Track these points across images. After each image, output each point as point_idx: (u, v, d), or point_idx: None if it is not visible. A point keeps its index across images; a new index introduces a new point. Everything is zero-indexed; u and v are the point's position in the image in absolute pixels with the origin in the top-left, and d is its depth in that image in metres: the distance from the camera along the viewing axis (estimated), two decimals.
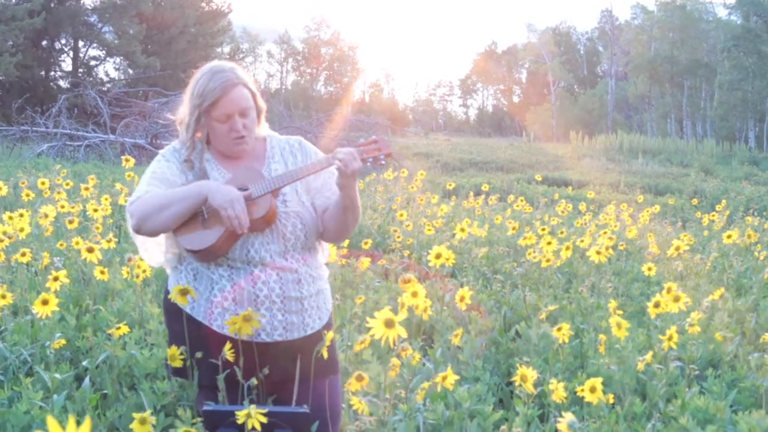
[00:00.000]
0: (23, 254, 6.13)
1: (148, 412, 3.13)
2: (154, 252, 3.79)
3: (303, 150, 3.88)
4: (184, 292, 3.51)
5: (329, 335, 3.55)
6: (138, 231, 3.50)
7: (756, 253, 11.27)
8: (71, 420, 1.24)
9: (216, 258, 3.56)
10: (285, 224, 3.62)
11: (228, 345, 3.34)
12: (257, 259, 3.57)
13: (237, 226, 3.37)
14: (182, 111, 3.72)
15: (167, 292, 3.71)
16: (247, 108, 3.61)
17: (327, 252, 3.95)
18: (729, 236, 9.09)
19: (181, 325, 3.63)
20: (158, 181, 3.62)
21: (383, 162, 3.62)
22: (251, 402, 3.14)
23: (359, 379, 3.37)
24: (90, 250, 5.97)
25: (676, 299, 4.79)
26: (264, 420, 2.79)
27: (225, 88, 3.54)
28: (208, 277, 3.62)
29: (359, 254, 8.55)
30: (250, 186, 3.49)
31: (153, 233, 3.56)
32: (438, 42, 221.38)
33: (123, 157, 11.47)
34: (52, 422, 1.25)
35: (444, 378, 3.57)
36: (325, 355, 3.50)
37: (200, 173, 3.66)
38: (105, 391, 5.03)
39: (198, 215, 3.50)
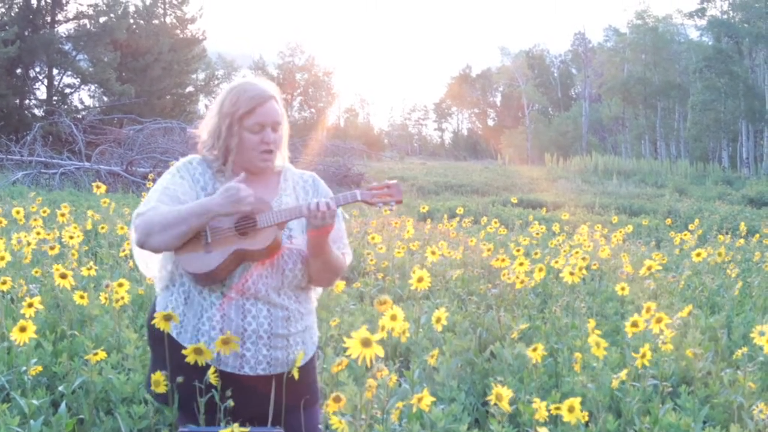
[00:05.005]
0: (3, 282, 6.12)
1: None
2: (151, 265, 3.75)
3: (315, 187, 3.86)
4: (167, 318, 3.51)
5: (300, 355, 3.55)
6: (141, 246, 3.44)
7: (728, 271, 11.36)
8: None
9: (214, 283, 3.51)
10: (287, 261, 3.59)
11: (212, 369, 3.35)
12: (252, 291, 3.53)
13: (253, 201, 3.39)
14: (209, 124, 3.68)
15: (153, 312, 3.67)
16: (278, 123, 3.61)
17: (319, 289, 3.92)
18: (698, 254, 9.16)
19: (164, 348, 3.60)
20: (168, 198, 3.54)
21: (392, 208, 3.60)
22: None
23: (336, 400, 3.40)
24: (63, 276, 5.98)
25: (659, 320, 4.83)
26: None
27: (263, 98, 3.56)
28: (198, 304, 3.57)
29: None
30: (257, 215, 3.47)
31: (156, 250, 3.52)
32: (412, 66, 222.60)
33: (94, 184, 11.46)
34: None
35: (420, 399, 3.60)
36: (296, 375, 3.51)
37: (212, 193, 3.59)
38: (82, 416, 5.04)
39: (201, 237, 3.47)
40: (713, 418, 5.63)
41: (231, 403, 3.37)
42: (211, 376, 3.33)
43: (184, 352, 3.40)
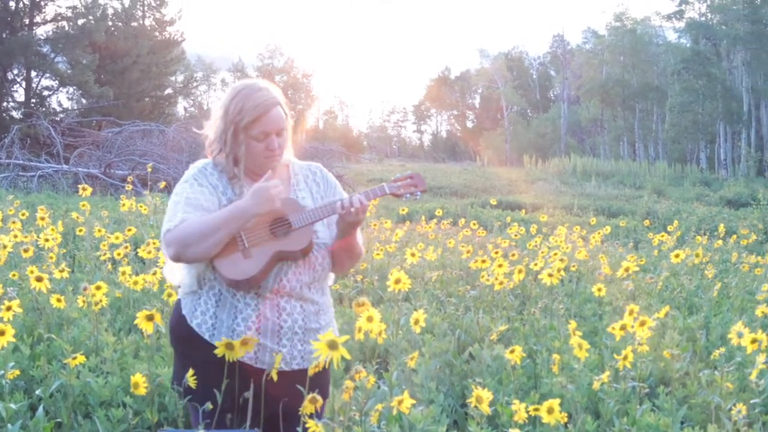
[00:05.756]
0: None
1: None
2: (176, 271, 3.75)
3: (325, 179, 3.91)
4: (149, 318, 3.53)
5: (278, 357, 3.53)
6: (178, 260, 3.44)
7: (706, 272, 11.40)
8: None
9: (253, 288, 3.54)
10: (317, 256, 3.65)
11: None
12: (288, 289, 3.58)
13: (284, 198, 3.48)
14: (214, 125, 3.68)
15: (177, 315, 3.71)
16: (283, 129, 3.63)
17: (332, 278, 3.98)
18: (677, 256, 9.19)
19: (189, 348, 3.64)
20: (193, 209, 3.54)
21: (418, 198, 3.67)
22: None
23: (313, 401, 3.39)
24: (39, 279, 5.95)
25: (642, 323, 4.84)
26: None
27: (267, 107, 3.55)
28: (232, 305, 3.59)
29: None
30: (289, 215, 3.50)
31: (194, 261, 3.51)
32: (391, 68, 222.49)
33: (80, 186, 11.42)
34: None
35: (400, 402, 3.59)
36: (275, 377, 3.50)
37: (240, 193, 3.64)
38: (59, 420, 5.02)
39: (236, 242, 3.47)
40: (691, 418, 5.65)
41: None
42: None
43: (218, 343, 3.42)
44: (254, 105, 3.54)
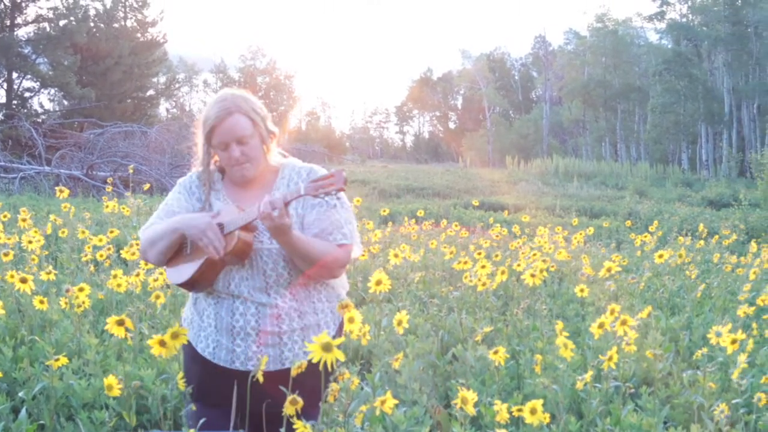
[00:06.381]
0: None
1: None
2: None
3: (307, 181, 3.80)
4: (120, 323, 3.59)
5: (264, 359, 3.51)
6: (145, 261, 3.63)
7: (688, 272, 11.43)
8: None
9: (201, 289, 3.70)
10: (266, 261, 3.66)
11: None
12: (237, 293, 3.65)
13: (213, 252, 3.45)
14: (198, 137, 3.79)
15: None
16: (243, 136, 3.62)
17: (343, 282, 4.04)
18: (660, 256, 9.21)
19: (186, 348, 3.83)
20: (165, 214, 3.78)
21: (338, 197, 3.67)
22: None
23: (294, 402, 3.39)
24: (23, 281, 5.93)
25: (623, 322, 4.85)
26: None
27: (219, 117, 3.58)
28: (201, 306, 3.80)
29: None
30: (225, 222, 3.54)
31: (153, 264, 3.79)
32: (374, 70, 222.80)
33: (57, 188, 11.37)
34: None
35: (383, 402, 3.59)
36: (260, 379, 3.49)
37: (206, 204, 3.78)
38: (42, 422, 5.00)
39: (183, 248, 3.64)
40: (674, 418, 5.67)
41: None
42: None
43: (150, 342, 3.48)
44: (210, 116, 3.62)
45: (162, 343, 3.44)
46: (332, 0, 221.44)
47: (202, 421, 3.47)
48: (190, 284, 3.64)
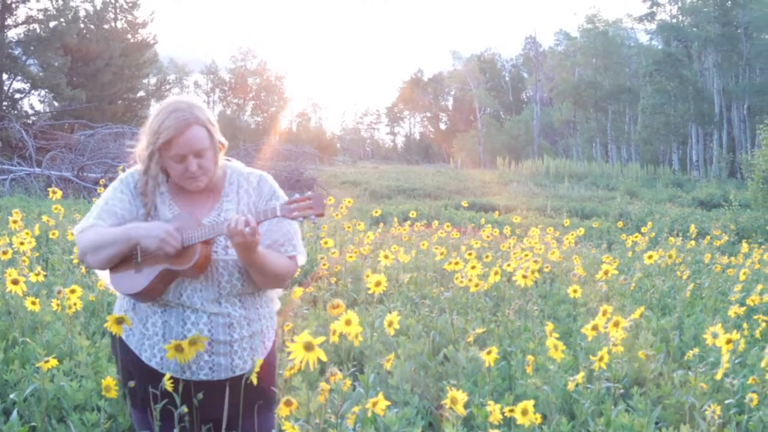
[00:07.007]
0: None
1: None
2: (103, 273, 3.76)
3: (259, 191, 3.79)
4: (119, 321, 3.53)
5: (258, 362, 3.51)
6: (82, 263, 3.54)
7: (678, 273, 11.45)
8: None
9: (149, 300, 3.57)
10: (222, 273, 3.59)
11: (168, 375, 3.36)
12: (188, 304, 3.55)
13: (173, 253, 3.41)
14: (140, 144, 3.62)
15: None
16: (202, 149, 3.51)
17: (276, 290, 3.91)
18: (650, 257, 9.23)
19: (117, 350, 3.72)
20: (106, 214, 3.61)
21: (314, 221, 3.49)
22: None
23: (288, 404, 3.38)
24: (15, 282, 5.91)
25: (616, 324, 4.85)
26: None
27: (179, 128, 3.44)
28: (143, 310, 3.63)
29: None
30: (183, 233, 3.45)
31: (93, 269, 3.61)
32: (364, 71, 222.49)
33: (50, 189, 11.34)
34: None
35: (375, 404, 3.59)
36: (254, 381, 3.49)
37: (151, 208, 3.62)
38: (33, 424, 4.99)
39: (132, 257, 3.52)
40: (665, 418, 5.67)
41: (185, 409, 3.36)
42: (167, 383, 3.33)
43: (165, 347, 3.41)
44: (168, 126, 3.46)
45: (179, 349, 3.35)
46: (323, 1, 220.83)
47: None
48: (141, 295, 3.52)
